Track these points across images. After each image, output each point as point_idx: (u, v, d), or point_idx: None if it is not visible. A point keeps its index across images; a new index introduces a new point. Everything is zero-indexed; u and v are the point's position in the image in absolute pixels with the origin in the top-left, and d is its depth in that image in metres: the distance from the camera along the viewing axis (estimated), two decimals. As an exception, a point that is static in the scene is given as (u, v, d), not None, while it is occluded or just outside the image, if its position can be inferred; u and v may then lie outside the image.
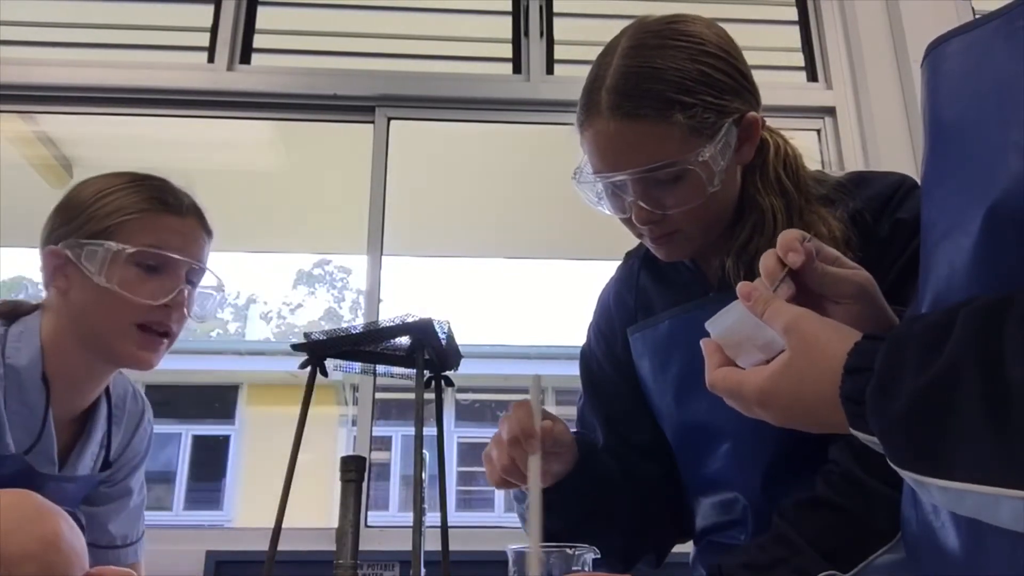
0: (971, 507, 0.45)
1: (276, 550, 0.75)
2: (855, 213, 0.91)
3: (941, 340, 0.46)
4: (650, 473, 1.05)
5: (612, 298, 1.12)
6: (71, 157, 2.83)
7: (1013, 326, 0.43)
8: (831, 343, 0.55)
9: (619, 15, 2.27)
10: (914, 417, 0.47)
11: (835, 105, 2.22)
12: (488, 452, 0.89)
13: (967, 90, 0.54)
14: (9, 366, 1.00)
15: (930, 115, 0.57)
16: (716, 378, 0.63)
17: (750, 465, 0.93)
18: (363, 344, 0.83)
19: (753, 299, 0.62)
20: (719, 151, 0.88)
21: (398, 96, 2.21)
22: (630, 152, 0.87)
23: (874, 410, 0.50)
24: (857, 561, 0.76)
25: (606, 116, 0.87)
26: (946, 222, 0.53)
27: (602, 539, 0.83)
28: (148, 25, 2.32)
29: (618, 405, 1.09)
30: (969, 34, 0.54)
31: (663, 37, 0.90)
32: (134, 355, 1.06)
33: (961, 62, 0.55)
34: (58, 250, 1.05)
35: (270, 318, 11.14)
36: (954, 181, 0.54)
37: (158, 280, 1.05)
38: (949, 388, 0.45)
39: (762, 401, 0.59)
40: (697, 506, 1.04)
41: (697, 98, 0.87)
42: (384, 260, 2.09)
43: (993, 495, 0.42)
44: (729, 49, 0.92)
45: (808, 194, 0.95)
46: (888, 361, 0.50)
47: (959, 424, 0.44)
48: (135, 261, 1.04)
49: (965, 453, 0.44)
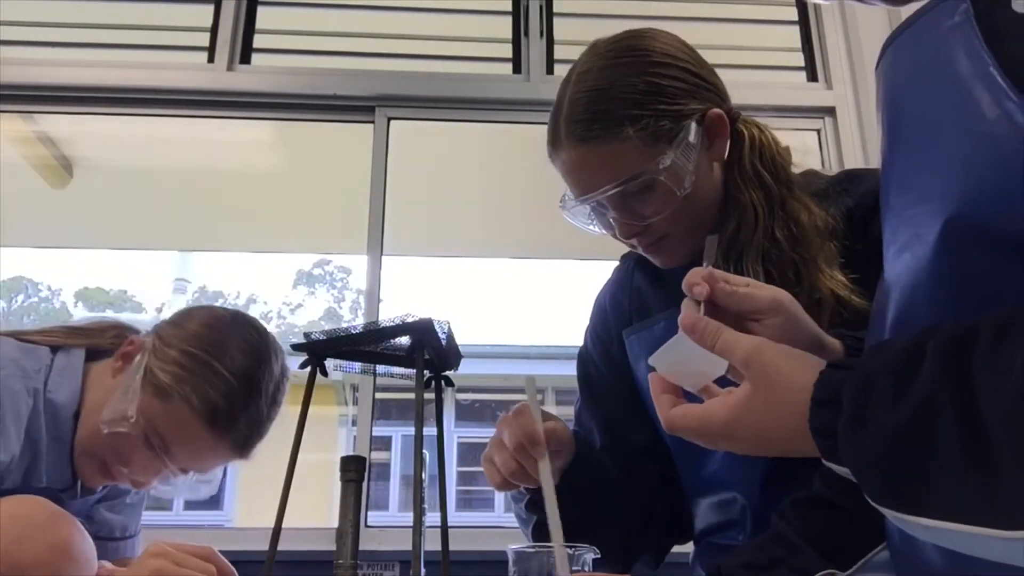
0: (955, 542, 0.44)
1: (276, 550, 0.75)
2: (849, 210, 0.91)
3: (911, 374, 0.45)
4: (648, 474, 1.05)
5: (608, 301, 1.13)
6: (71, 157, 2.83)
7: (979, 355, 0.42)
8: (794, 375, 0.55)
9: (619, 15, 2.27)
10: (890, 455, 0.46)
11: (835, 105, 2.22)
12: (488, 455, 0.89)
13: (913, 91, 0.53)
14: (48, 400, 0.99)
15: (884, 118, 0.57)
16: (674, 418, 0.61)
17: (748, 465, 0.93)
18: (363, 344, 0.83)
19: (699, 331, 0.61)
20: (682, 154, 0.90)
21: (398, 96, 2.21)
22: (594, 174, 0.91)
23: (847, 446, 0.49)
24: (856, 559, 0.76)
25: (567, 145, 0.92)
26: (906, 234, 0.53)
27: (598, 538, 0.83)
28: (148, 25, 2.32)
29: (615, 407, 1.09)
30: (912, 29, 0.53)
31: (610, 57, 0.93)
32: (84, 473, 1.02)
33: (908, 61, 0.54)
34: (145, 344, 1.03)
35: (270, 318, 11.13)
36: (913, 193, 0.53)
37: (150, 459, 1.00)
38: (924, 427, 0.44)
39: (727, 434, 0.58)
40: (696, 507, 1.04)
41: (648, 109, 0.89)
42: (384, 260, 2.09)
43: (975, 534, 0.41)
44: (677, 54, 0.94)
45: (789, 182, 0.95)
46: (857, 395, 0.49)
47: (936, 463, 0.43)
48: (153, 436, 0.99)
49: (944, 493, 0.43)
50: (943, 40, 0.50)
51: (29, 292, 10.09)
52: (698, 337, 0.61)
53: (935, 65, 0.51)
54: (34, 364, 1.00)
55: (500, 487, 0.89)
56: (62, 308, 9.94)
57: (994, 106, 0.46)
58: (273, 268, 11.82)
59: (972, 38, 0.48)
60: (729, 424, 0.57)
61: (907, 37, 0.54)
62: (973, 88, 0.47)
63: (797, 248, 0.90)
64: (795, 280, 0.88)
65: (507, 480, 0.87)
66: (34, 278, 9.89)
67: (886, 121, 0.57)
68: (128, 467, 1.01)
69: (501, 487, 0.89)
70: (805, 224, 0.90)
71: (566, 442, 0.93)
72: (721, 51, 2.33)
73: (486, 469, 0.90)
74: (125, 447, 0.99)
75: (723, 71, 1.00)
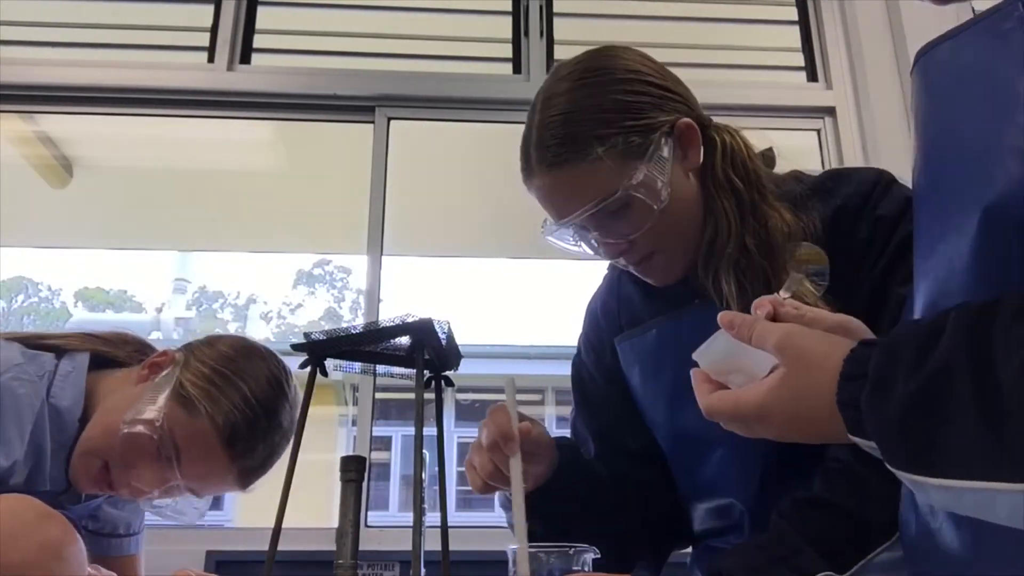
0: (969, 505, 0.46)
1: (276, 550, 0.75)
2: (836, 211, 0.91)
3: (932, 342, 0.47)
4: (645, 480, 1.05)
5: (599, 308, 1.12)
6: (71, 157, 2.83)
7: (1000, 326, 0.44)
8: (825, 354, 0.56)
9: (619, 15, 2.27)
10: (908, 418, 0.47)
11: (835, 105, 2.22)
12: (470, 459, 0.89)
13: (958, 96, 0.54)
14: (52, 406, 0.99)
15: (922, 122, 0.57)
16: (712, 402, 0.62)
17: (745, 471, 0.93)
18: (363, 344, 0.83)
19: (736, 326, 0.62)
20: (655, 167, 0.89)
21: (398, 96, 2.21)
22: (569, 198, 0.91)
23: (869, 414, 0.50)
24: (856, 560, 0.76)
25: (538, 171, 0.92)
26: (942, 226, 0.53)
27: (590, 543, 0.82)
28: (148, 25, 2.32)
29: (610, 414, 1.08)
30: (957, 38, 0.54)
31: (573, 80, 0.93)
32: (79, 475, 1.01)
33: (951, 68, 0.55)
34: (176, 357, 1.05)
35: (270, 318, 11.13)
36: (949, 186, 0.54)
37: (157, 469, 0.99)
38: (942, 388, 0.45)
39: (761, 417, 0.59)
40: (693, 511, 1.04)
41: (616, 127, 0.89)
42: (384, 260, 2.09)
43: (990, 491, 0.43)
44: (640, 68, 0.94)
45: (760, 187, 0.94)
46: (881, 365, 0.50)
47: (953, 423, 0.44)
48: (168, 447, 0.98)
49: (960, 451, 0.44)
50: (992, 45, 0.51)
51: (29, 292, 10.09)
52: (736, 331, 0.62)
53: (981, 68, 0.52)
54: (37, 369, 1.00)
55: (480, 491, 0.88)
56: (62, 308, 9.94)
57: None
58: (273, 268, 11.83)
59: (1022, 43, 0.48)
60: (763, 407, 0.58)
61: (950, 44, 0.55)
62: (1020, 87, 0.48)
63: (767, 256, 0.89)
64: (765, 289, 0.87)
65: (486, 483, 0.87)
66: (34, 278, 9.90)
67: (921, 121, 0.57)
68: (132, 473, 1.00)
69: (481, 490, 0.88)
70: (773, 229, 0.90)
71: (544, 445, 0.92)
72: (721, 51, 2.33)
73: (468, 473, 0.89)
74: (135, 452, 0.98)
75: (723, 71, 1.00)
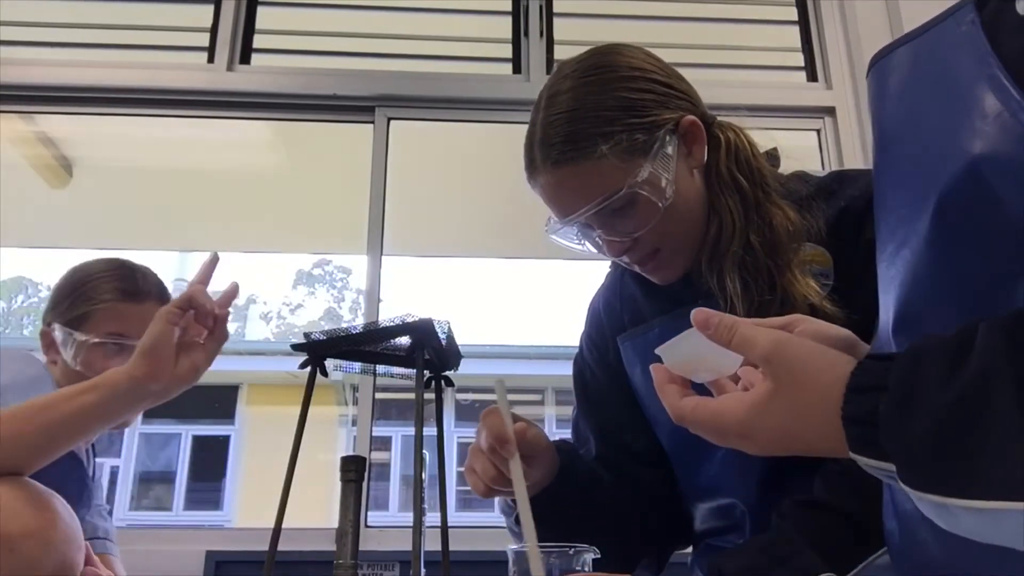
0: (1009, 531, 0.41)
1: (276, 550, 0.75)
2: (841, 211, 0.91)
3: (963, 352, 0.43)
4: (647, 479, 1.05)
5: (602, 306, 1.12)
6: (71, 157, 2.83)
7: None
8: (822, 371, 0.51)
9: (619, 15, 2.27)
10: (941, 433, 0.43)
11: (835, 105, 2.22)
12: (470, 465, 0.88)
13: (913, 98, 0.53)
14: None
15: (877, 126, 0.57)
16: (685, 411, 0.57)
17: (746, 471, 0.93)
18: (363, 344, 0.83)
19: (713, 327, 0.57)
20: (659, 164, 0.90)
21: (398, 96, 2.21)
22: (574, 196, 0.91)
23: (891, 429, 0.45)
24: (857, 562, 0.76)
25: (543, 169, 0.92)
26: (903, 231, 0.52)
27: (595, 545, 0.82)
28: (148, 25, 2.32)
29: (612, 413, 1.08)
30: (914, 42, 0.54)
31: (576, 78, 0.93)
32: None
33: (906, 71, 0.54)
34: (48, 331, 1.26)
35: (270, 318, 11.13)
36: (904, 189, 0.52)
37: (119, 359, 1.18)
38: (979, 403, 0.41)
39: (744, 434, 0.55)
40: (695, 510, 1.03)
41: (620, 124, 0.89)
42: (384, 260, 2.09)
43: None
44: (643, 66, 0.94)
45: (765, 185, 0.94)
46: (904, 377, 0.46)
47: (995, 440, 0.40)
48: (100, 346, 1.22)
49: (1003, 470, 0.40)
50: (949, 47, 0.50)
51: (29, 292, 10.09)
52: (712, 333, 0.57)
53: (937, 70, 0.51)
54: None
55: (484, 495, 0.87)
56: (62, 308, 9.91)
57: (997, 104, 0.46)
58: (273, 268, 11.82)
59: (978, 43, 0.48)
60: (746, 423, 0.54)
61: (906, 49, 0.54)
62: (976, 88, 0.47)
63: (772, 255, 0.89)
64: (769, 288, 0.87)
65: (490, 487, 0.86)
66: (34, 278, 9.89)
67: (878, 127, 0.57)
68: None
69: (485, 495, 0.87)
70: (778, 228, 0.90)
71: (541, 447, 0.91)
72: (721, 51, 2.34)
73: (469, 479, 0.88)
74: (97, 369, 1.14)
75: (723, 71, 1.00)
